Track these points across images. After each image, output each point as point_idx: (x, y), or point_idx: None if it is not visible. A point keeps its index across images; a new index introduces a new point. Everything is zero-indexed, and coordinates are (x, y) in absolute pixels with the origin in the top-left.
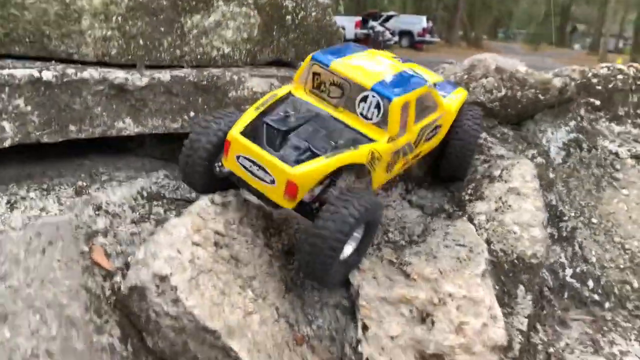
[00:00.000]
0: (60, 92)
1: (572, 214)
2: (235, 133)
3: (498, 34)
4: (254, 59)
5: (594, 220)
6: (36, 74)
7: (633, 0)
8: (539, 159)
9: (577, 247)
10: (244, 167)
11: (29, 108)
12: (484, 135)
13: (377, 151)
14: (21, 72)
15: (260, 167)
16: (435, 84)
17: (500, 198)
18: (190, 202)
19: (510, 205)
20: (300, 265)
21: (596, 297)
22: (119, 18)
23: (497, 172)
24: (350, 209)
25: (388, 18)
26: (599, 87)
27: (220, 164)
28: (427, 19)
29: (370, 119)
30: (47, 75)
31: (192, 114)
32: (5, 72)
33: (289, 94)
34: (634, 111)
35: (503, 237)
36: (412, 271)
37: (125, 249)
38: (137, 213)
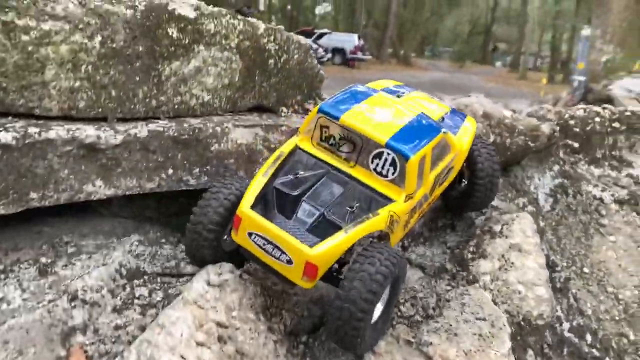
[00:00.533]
0: (20, 155)
1: (564, 264)
2: (245, 208)
3: (425, 51)
4: (234, 105)
5: (586, 270)
6: None
7: (549, 22)
8: (529, 207)
9: (572, 299)
10: (257, 244)
11: None
12: None
13: (395, 214)
14: None
15: (275, 246)
16: (443, 117)
17: (502, 255)
18: (174, 276)
19: (513, 263)
20: (329, 333)
21: (595, 352)
22: (89, 67)
23: (497, 228)
24: (377, 266)
25: (321, 35)
26: (577, 129)
27: (228, 237)
28: (359, 37)
29: (386, 176)
30: (6, 137)
31: (170, 171)
32: None
33: (296, 148)
34: (609, 153)
35: (508, 297)
36: (435, 353)
37: (111, 348)
38: (119, 298)
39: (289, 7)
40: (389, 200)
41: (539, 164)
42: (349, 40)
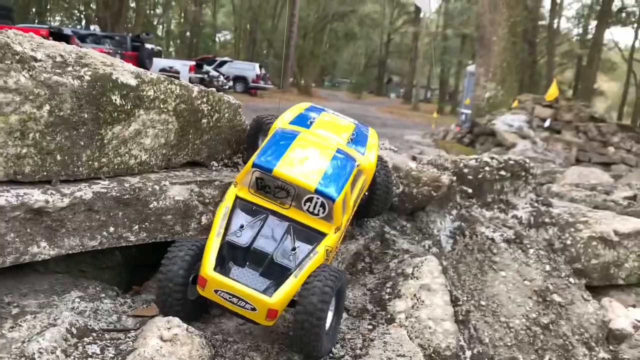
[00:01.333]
0: None
1: (465, 298)
2: (209, 271)
3: (325, 82)
4: (168, 162)
5: (483, 303)
6: None
7: (437, 57)
8: (434, 249)
9: (472, 330)
10: (224, 298)
11: None
12: (387, 229)
13: (329, 246)
14: None
15: (239, 298)
16: (351, 138)
17: (414, 295)
18: (121, 331)
19: (423, 301)
20: (294, 343)
21: None
22: (37, 135)
23: (409, 270)
24: (324, 281)
25: (222, 63)
26: (470, 177)
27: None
28: (260, 66)
29: (317, 215)
30: None
31: (111, 229)
32: None
33: (236, 199)
34: (498, 197)
35: (420, 332)
36: None
37: None
38: (73, 358)
39: (188, 33)
40: (322, 234)
41: (439, 208)
42: (251, 69)
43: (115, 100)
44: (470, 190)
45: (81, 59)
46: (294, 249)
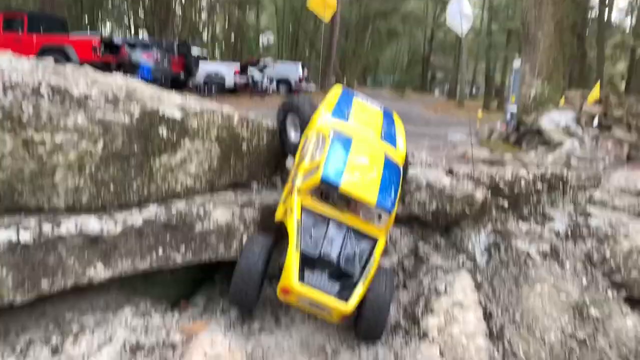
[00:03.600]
0: (35, 251)
1: (499, 312)
2: (295, 284)
3: (367, 80)
4: (212, 186)
5: (517, 317)
6: (14, 237)
7: (481, 53)
8: (468, 264)
9: (506, 344)
10: (305, 304)
11: (4, 272)
12: (421, 244)
13: (381, 251)
14: None
15: (318, 305)
16: (384, 128)
17: (447, 311)
18: (168, 346)
19: (456, 317)
20: (365, 334)
21: None
22: (92, 168)
23: (442, 287)
24: (386, 286)
25: (265, 66)
26: (506, 190)
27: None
28: (303, 66)
29: (373, 223)
30: (25, 236)
31: (160, 251)
32: None
33: (302, 209)
34: (534, 209)
35: (453, 348)
36: None
37: None
38: None
39: (232, 37)
40: (374, 238)
41: (474, 223)
42: (294, 70)
43: (162, 133)
44: (506, 204)
45: (131, 95)
46: (354, 256)
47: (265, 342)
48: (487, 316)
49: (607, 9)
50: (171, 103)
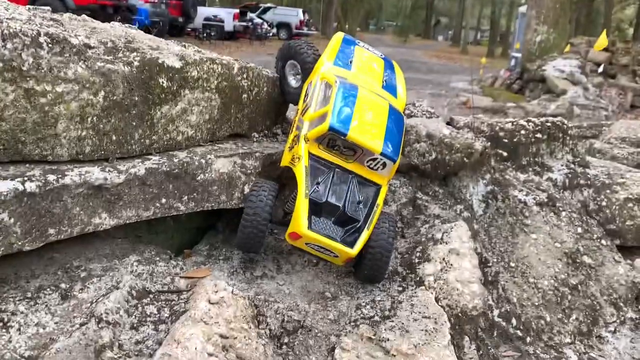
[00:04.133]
0: (41, 200)
1: (495, 260)
2: (304, 229)
3: (369, 26)
4: (213, 136)
5: (512, 264)
6: (20, 186)
7: None
8: (465, 213)
9: (500, 290)
10: (312, 248)
11: (12, 220)
12: (419, 194)
13: (383, 197)
14: (5, 186)
15: (326, 249)
16: (385, 77)
17: (443, 259)
18: (174, 292)
19: (452, 265)
20: (366, 276)
21: (519, 332)
22: (94, 118)
23: (438, 235)
24: (389, 229)
25: (265, 10)
26: (506, 140)
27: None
28: (303, 12)
29: (376, 170)
30: (31, 186)
31: (163, 200)
32: None
33: (309, 156)
34: (533, 160)
35: (448, 293)
36: (391, 347)
37: None
38: (134, 317)
39: None
40: (378, 185)
41: (473, 173)
42: (294, 15)
43: (163, 82)
44: (505, 154)
45: (130, 44)
46: (359, 202)
47: (267, 287)
48: (483, 263)
49: None
50: (170, 52)
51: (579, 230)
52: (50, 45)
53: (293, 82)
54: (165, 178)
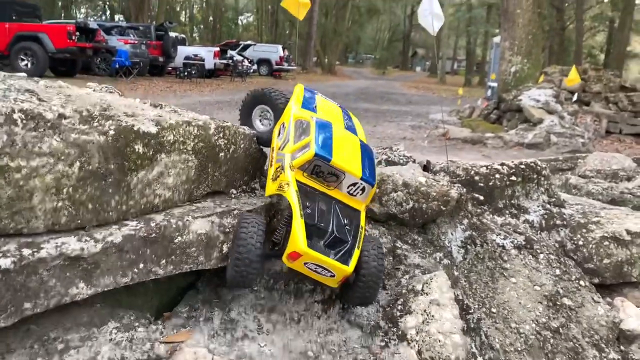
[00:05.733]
0: (16, 275)
1: (476, 306)
2: (304, 248)
3: (348, 59)
4: (190, 196)
5: (494, 310)
6: None
7: (462, 28)
8: (445, 260)
9: (483, 337)
10: (309, 268)
11: None
12: (399, 243)
13: (364, 219)
14: None
15: (324, 268)
16: (345, 121)
17: (424, 310)
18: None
19: (433, 316)
20: (360, 298)
21: None
22: (70, 189)
23: (419, 286)
24: (378, 249)
25: (245, 47)
26: (481, 184)
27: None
28: (283, 48)
29: (355, 196)
30: (6, 262)
31: (141, 265)
32: None
33: (298, 184)
34: (509, 202)
35: (431, 345)
36: None
37: None
38: None
39: (211, 18)
40: (357, 210)
41: (450, 219)
42: (274, 52)
43: (139, 149)
44: (481, 198)
45: (105, 111)
46: (344, 224)
47: (248, 350)
48: (465, 310)
49: None
50: (145, 117)
51: (557, 271)
52: (24, 121)
53: (259, 125)
54: (143, 243)
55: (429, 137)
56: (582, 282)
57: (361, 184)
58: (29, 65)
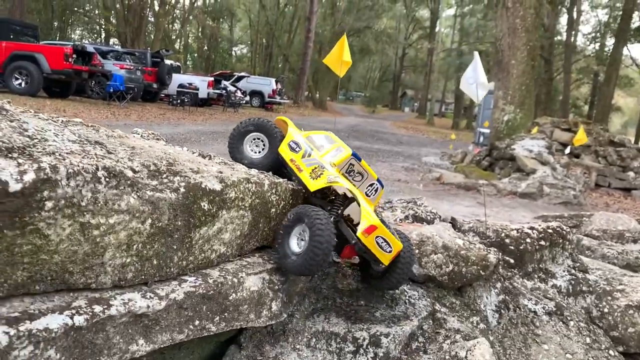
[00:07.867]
0: (87, 332)
1: None
2: (379, 222)
3: (339, 96)
4: (241, 250)
5: None
6: (69, 321)
7: (451, 71)
8: (481, 325)
9: None
10: (377, 242)
11: (57, 356)
12: (437, 306)
13: None
14: (55, 322)
15: (387, 243)
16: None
17: None
18: None
19: None
20: (399, 281)
21: None
22: (139, 245)
23: (462, 353)
24: (409, 244)
25: (239, 78)
26: (512, 247)
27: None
28: (276, 81)
29: (369, 196)
30: (79, 320)
31: (197, 322)
32: (40, 325)
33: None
34: (537, 266)
35: None
36: None
37: None
38: None
39: (205, 48)
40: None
41: (485, 282)
42: (267, 84)
43: (204, 206)
44: (512, 261)
45: (171, 166)
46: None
47: None
48: None
49: (573, 33)
50: (210, 173)
51: (588, 340)
52: (107, 179)
53: (250, 152)
54: (201, 300)
55: (423, 180)
56: (611, 352)
57: (376, 184)
58: (23, 85)
